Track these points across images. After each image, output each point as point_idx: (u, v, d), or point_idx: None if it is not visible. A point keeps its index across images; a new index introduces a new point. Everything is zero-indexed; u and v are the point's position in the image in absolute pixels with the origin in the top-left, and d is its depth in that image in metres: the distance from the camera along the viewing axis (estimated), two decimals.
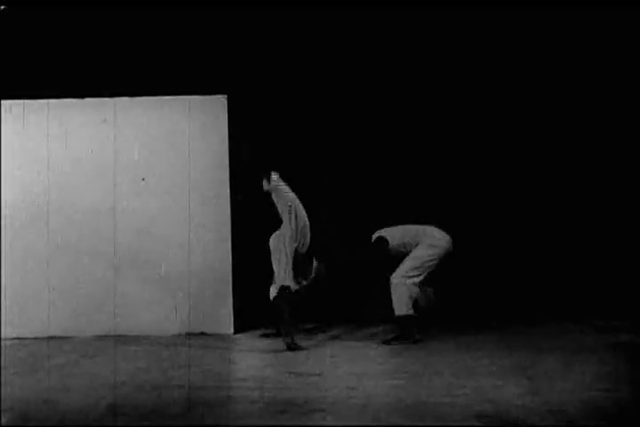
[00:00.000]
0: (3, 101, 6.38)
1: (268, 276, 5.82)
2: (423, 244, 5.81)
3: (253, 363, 5.14)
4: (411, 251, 5.80)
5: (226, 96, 6.46)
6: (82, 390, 4.40)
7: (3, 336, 6.16)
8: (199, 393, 4.31)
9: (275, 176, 5.83)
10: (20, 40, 6.48)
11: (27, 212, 6.36)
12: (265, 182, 5.85)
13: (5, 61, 6.23)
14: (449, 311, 6.36)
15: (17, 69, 6.36)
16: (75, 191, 6.43)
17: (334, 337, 6.03)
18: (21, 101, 6.38)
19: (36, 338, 6.19)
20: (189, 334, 6.18)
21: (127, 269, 6.32)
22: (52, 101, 6.43)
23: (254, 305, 6.21)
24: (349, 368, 4.88)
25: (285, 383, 4.52)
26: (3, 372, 4.92)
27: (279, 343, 5.56)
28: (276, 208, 5.83)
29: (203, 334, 6.24)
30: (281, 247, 5.64)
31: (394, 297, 5.71)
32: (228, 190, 6.31)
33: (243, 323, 6.27)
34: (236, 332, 6.30)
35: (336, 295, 6.49)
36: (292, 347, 5.41)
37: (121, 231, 6.38)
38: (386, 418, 3.78)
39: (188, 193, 6.35)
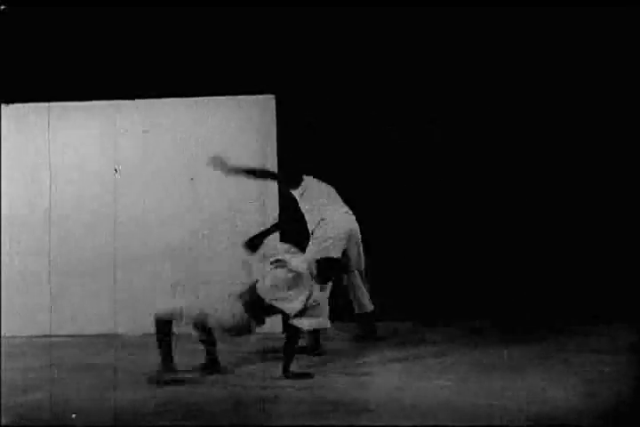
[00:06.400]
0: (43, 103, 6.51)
1: None
2: None
3: (301, 362, 5.09)
4: None
5: (274, 96, 6.48)
6: (130, 388, 4.42)
7: (51, 334, 6.29)
8: (246, 392, 4.30)
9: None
10: (47, 39, 6.53)
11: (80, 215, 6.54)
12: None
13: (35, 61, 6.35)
14: (496, 309, 6.27)
15: (65, 68, 6.46)
16: (125, 192, 6.51)
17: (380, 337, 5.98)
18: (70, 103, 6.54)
19: (84, 335, 6.27)
20: None
21: (175, 268, 6.35)
22: (101, 103, 6.55)
23: None
24: (398, 369, 4.82)
25: (333, 383, 4.48)
26: (54, 370, 5.01)
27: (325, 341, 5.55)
28: None
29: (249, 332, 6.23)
30: None
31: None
32: (276, 189, 6.31)
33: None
34: (283, 331, 6.27)
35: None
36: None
37: (173, 232, 6.43)
38: (435, 419, 3.72)
39: (235, 192, 6.36)
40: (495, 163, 6.62)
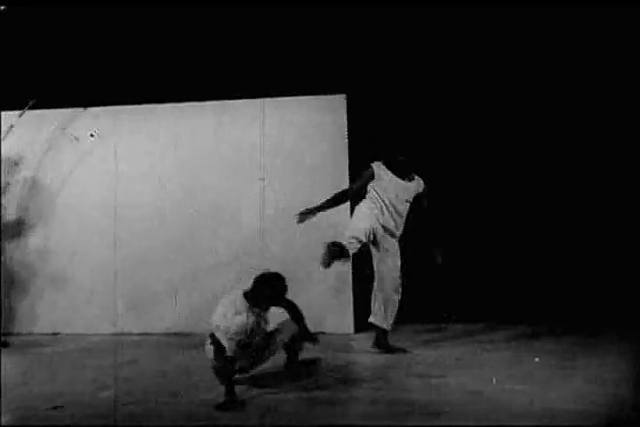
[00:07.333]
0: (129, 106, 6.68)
1: None
2: None
3: (375, 363, 5.08)
4: None
5: (345, 96, 6.47)
6: (203, 387, 4.46)
7: (133, 331, 6.46)
8: (319, 392, 4.30)
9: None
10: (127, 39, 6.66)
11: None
12: None
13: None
14: (581, 313, 6.13)
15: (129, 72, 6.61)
16: (193, 192, 6.62)
17: (456, 338, 5.93)
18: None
19: (162, 334, 6.39)
20: None
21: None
22: (178, 105, 6.73)
23: None
24: (474, 372, 4.75)
25: (407, 385, 4.45)
26: (130, 366, 5.10)
27: (401, 343, 5.51)
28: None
29: (322, 333, 6.23)
30: None
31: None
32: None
33: (363, 322, 6.21)
34: (356, 331, 6.27)
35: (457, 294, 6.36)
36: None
37: (245, 230, 6.48)
38: (511, 424, 3.65)
39: (307, 193, 6.35)
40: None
